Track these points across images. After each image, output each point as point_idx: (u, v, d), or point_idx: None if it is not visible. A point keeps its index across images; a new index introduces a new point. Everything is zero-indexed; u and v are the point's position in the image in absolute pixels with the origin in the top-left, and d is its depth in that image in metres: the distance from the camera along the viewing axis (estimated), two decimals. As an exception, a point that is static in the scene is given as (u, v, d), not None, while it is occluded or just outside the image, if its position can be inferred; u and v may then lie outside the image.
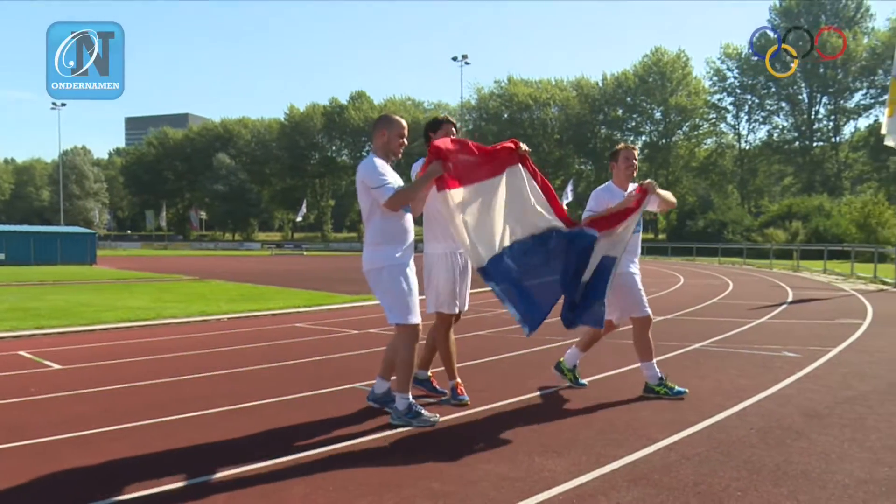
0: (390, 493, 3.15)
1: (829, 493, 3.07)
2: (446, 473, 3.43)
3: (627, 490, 3.15)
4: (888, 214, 36.75)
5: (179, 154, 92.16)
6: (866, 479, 3.25)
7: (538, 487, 3.18)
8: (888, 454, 3.62)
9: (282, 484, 3.30)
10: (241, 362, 6.65)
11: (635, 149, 5.34)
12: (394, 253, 4.28)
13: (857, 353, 6.94)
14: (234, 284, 18.33)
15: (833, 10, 61.97)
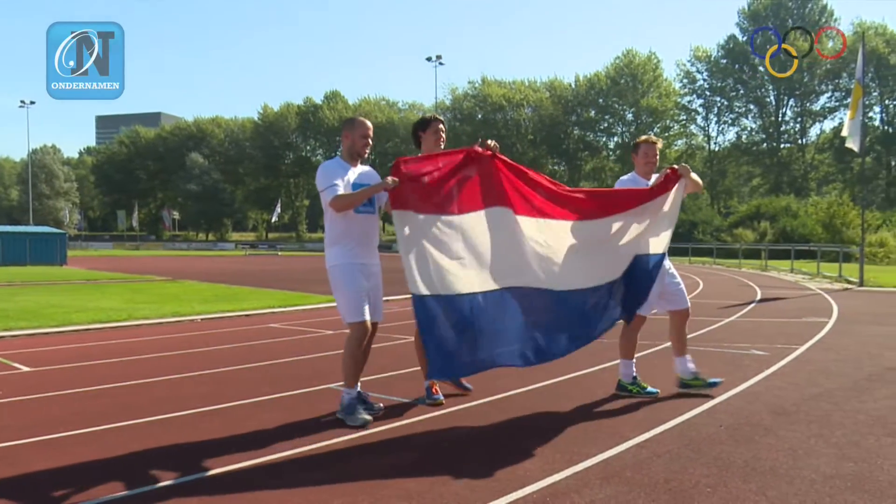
0: (365, 494, 3.15)
1: (797, 489, 3.14)
2: (421, 473, 3.44)
3: (600, 488, 3.19)
4: (852, 215, 37.56)
5: (152, 153, 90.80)
6: (832, 474, 3.34)
7: (512, 486, 3.20)
8: (853, 450, 3.72)
9: (256, 485, 3.28)
10: (214, 363, 6.58)
11: (657, 143, 5.26)
12: (344, 253, 4.43)
13: (822, 350, 7.10)
14: (208, 285, 18.13)
15: (799, 14, 63.25)
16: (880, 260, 31.41)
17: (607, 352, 6.81)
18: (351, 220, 4.43)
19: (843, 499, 3.01)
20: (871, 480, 3.23)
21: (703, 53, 67.63)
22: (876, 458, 3.57)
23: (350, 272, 4.41)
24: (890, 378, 5.65)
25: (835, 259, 21.49)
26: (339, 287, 4.45)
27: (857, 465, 3.46)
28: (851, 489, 3.13)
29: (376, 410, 4.57)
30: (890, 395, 5.03)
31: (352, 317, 4.42)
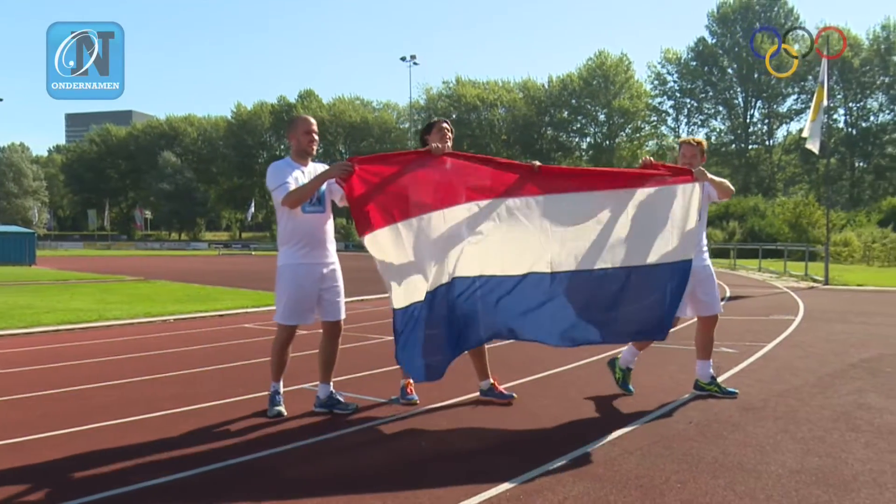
0: (338, 494, 3.14)
1: (764, 484, 3.21)
2: (395, 472, 3.45)
3: (572, 485, 3.22)
4: (818, 215, 38.38)
5: (123, 152, 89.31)
6: (798, 469, 3.41)
7: (485, 484, 3.22)
8: (818, 445, 3.81)
9: (229, 486, 3.26)
10: (186, 364, 6.51)
11: (700, 143, 5.15)
12: (291, 253, 4.48)
13: (789, 348, 7.25)
14: (181, 285, 17.86)
15: (766, 17, 64.47)
16: (844, 259, 32.15)
17: (580, 350, 6.87)
18: (299, 220, 4.43)
19: (809, 492, 3.09)
20: (835, 474, 3.32)
21: (674, 56, 68.59)
22: (840, 452, 3.66)
23: (292, 275, 4.45)
24: (853, 374, 5.79)
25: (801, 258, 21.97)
26: (278, 287, 4.54)
27: (822, 459, 3.55)
28: (816, 483, 3.21)
29: (351, 410, 4.56)
30: (853, 390, 5.16)
31: (279, 318, 4.56)
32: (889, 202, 44.41)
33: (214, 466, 3.52)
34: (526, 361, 6.30)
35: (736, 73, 65.86)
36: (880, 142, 60.36)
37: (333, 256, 4.63)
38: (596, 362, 6.36)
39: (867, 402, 4.79)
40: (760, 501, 2.99)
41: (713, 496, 3.06)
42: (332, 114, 79.96)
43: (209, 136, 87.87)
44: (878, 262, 31.09)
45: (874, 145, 60.60)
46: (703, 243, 5.09)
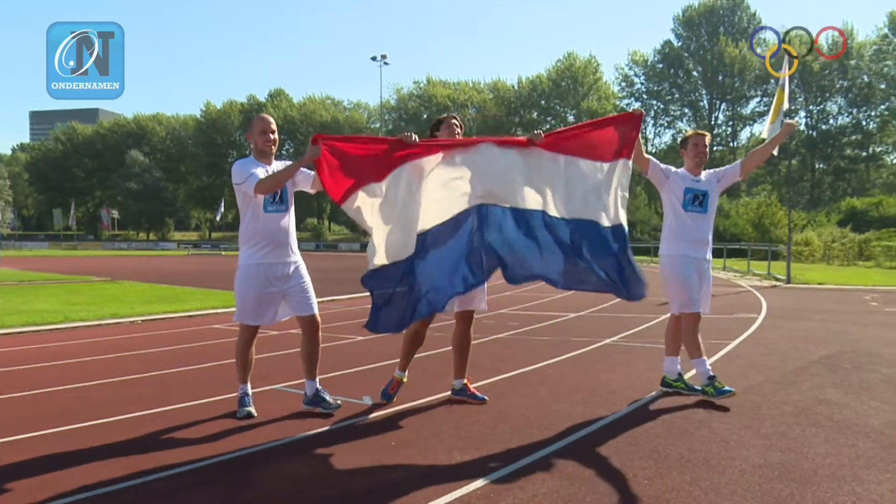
0: (310, 494, 3.13)
1: (728, 479, 3.28)
2: (366, 471, 3.45)
3: (542, 482, 3.25)
4: (780, 215, 39.28)
5: (89, 151, 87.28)
6: (761, 463, 3.50)
7: (457, 482, 3.24)
8: (780, 440, 3.90)
9: (197, 489, 3.22)
10: (154, 366, 6.40)
11: (706, 135, 5.17)
12: (251, 253, 4.47)
13: (752, 345, 7.42)
14: (149, 285, 17.57)
15: (730, 21, 65.75)
16: (805, 258, 32.94)
17: (549, 349, 6.96)
18: (260, 219, 4.43)
19: (771, 487, 3.16)
20: (796, 469, 3.40)
21: (641, 58, 69.51)
22: (801, 447, 3.76)
23: (251, 275, 4.43)
24: (814, 371, 5.94)
25: (764, 257, 22.46)
26: (236, 287, 4.52)
27: (784, 454, 3.64)
28: (778, 477, 3.29)
29: (333, 408, 4.56)
30: (814, 386, 5.29)
31: (238, 317, 4.54)
32: (847, 203, 45.65)
33: (182, 469, 3.47)
34: (495, 360, 6.34)
35: (701, 76, 67.00)
36: (839, 144, 61.98)
37: (296, 255, 4.60)
38: (565, 361, 6.43)
39: (827, 397, 4.92)
40: (725, 496, 3.06)
41: (679, 491, 3.12)
42: (302, 113, 79.39)
43: (178, 135, 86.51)
44: (837, 261, 31.92)
45: (833, 147, 62.19)
46: (710, 242, 5.14)
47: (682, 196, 5.00)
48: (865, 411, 4.51)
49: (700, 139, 5.09)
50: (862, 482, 3.21)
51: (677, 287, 5.02)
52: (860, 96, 59.04)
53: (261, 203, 4.43)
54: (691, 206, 4.99)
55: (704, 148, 5.08)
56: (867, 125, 60.85)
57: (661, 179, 5.04)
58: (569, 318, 9.74)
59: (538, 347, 7.16)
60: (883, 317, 10.05)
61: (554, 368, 6.14)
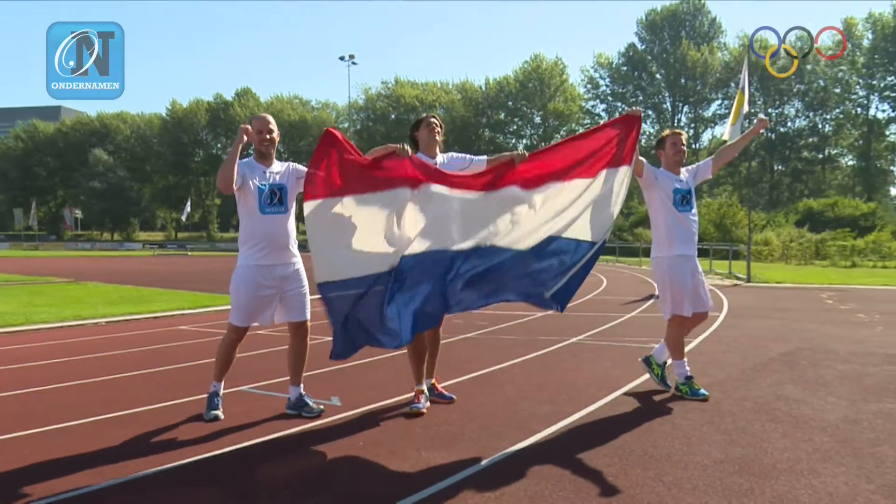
0: (278, 495, 3.11)
1: (690, 474, 3.36)
2: (335, 471, 3.44)
3: (509, 480, 3.29)
4: (740, 216, 40.08)
5: (51, 149, 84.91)
6: (722, 458, 3.58)
7: (425, 481, 3.26)
8: (741, 435, 4.00)
9: (164, 492, 3.18)
10: (119, 368, 6.29)
11: (682, 134, 5.19)
12: (248, 255, 4.44)
13: (714, 342, 7.58)
14: (113, 286, 17.21)
15: (692, 25, 66.97)
16: (765, 257, 33.73)
17: (516, 348, 7.01)
18: (257, 220, 4.40)
19: (732, 481, 3.25)
20: (756, 463, 3.50)
21: (606, 60, 70.33)
22: (761, 442, 3.86)
23: (246, 277, 4.40)
24: (773, 367, 6.10)
25: (725, 257, 22.91)
26: (232, 288, 4.49)
27: (744, 449, 3.73)
28: (739, 472, 3.37)
29: (316, 413, 4.52)
30: (773, 383, 5.43)
31: (231, 317, 4.51)
32: (805, 204, 46.80)
33: (147, 472, 3.42)
34: (462, 360, 6.36)
35: (664, 79, 68.07)
36: (797, 146, 63.57)
37: (297, 257, 4.56)
38: (532, 359, 6.49)
39: (785, 393, 5.06)
40: (687, 491, 3.13)
41: (643, 487, 3.18)
42: (270, 112, 78.27)
43: (143, 134, 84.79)
44: (795, 260, 32.74)
45: (791, 149, 63.76)
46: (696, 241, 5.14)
47: (672, 196, 4.98)
48: (822, 406, 4.65)
49: (678, 138, 5.11)
50: (818, 475, 3.31)
51: (676, 290, 4.99)
52: (816, 100, 60.67)
53: (256, 204, 4.39)
54: (682, 206, 5.00)
55: (683, 146, 5.11)
56: (823, 128, 62.57)
57: (651, 181, 4.99)
58: (535, 318, 9.82)
59: (505, 347, 7.20)
60: (838, 314, 10.35)
61: (521, 367, 6.19)
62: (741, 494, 3.08)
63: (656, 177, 5.00)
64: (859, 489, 3.12)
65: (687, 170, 5.19)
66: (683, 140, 5.14)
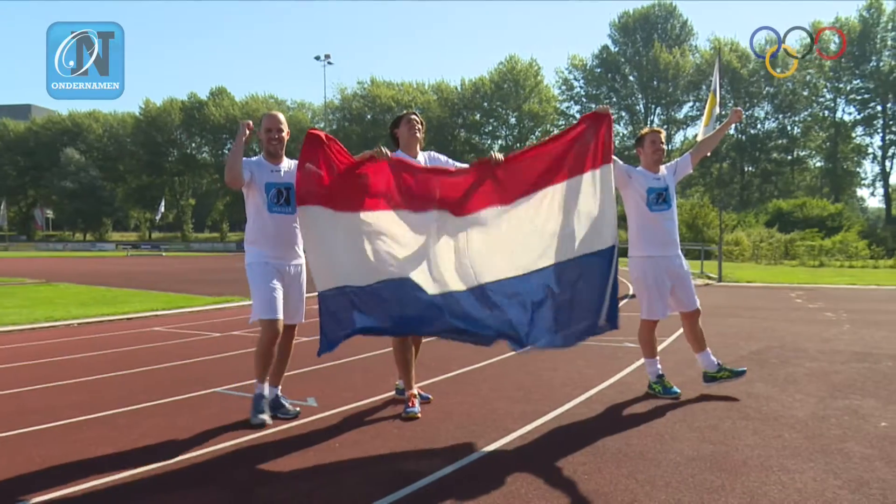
0: (253, 497, 3.09)
1: (663, 471, 3.40)
2: (310, 473, 3.42)
3: (486, 479, 3.30)
4: (712, 216, 40.65)
5: (21, 148, 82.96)
6: (694, 456, 3.63)
7: (402, 482, 3.25)
8: (712, 433, 4.06)
9: (136, 496, 3.14)
10: (92, 370, 6.19)
11: (661, 132, 5.20)
12: (253, 252, 4.40)
13: (686, 341, 7.66)
14: (86, 287, 16.92)
15: (664, 28, 67.80)
16: (736, 257, 34.27)
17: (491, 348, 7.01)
18: (265, 219, 4.37)
19: (704, 478, 3.29)
20: (727, 460, 3.55)
21: (580, 62, 70.86)
22: (731, 439, 3.92)
23: (259, 270, 4.35)
24: (744, 365, 6.19)
25: (697, 256, 23.20)
26: (252, 284, 4.38)
27: (716, 446, 3.79)
28: (710, 469, 3.43)
29: (292, 415, 4.48)
30: (744, 381, 5.50)
31: (258, 313, 4.31)
32: (774, 204, 47.63)
33: (120, 476, 3.38)
34: (439, 360, 6.37)
35: (637, 81, 68.78)
36: (766, 148, 64.66)
37: (300, 257, 4.53)
38: (507, 359, 6.51)
39: (755, 391, 5.14)
40: (660, 488, 3.17)
41: (617, 485, 3.22)
42: (244, 112, 77.69)
43: (116, 133, 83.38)
44: (765, 259, 33.32)
45: (761, 151, 64.84)
46: (677, 237, 5.10)
47: (645, 196, 4.96)
48: (791, 403, 4.74)
49: (657, 136, 5.10)
50: (788, 471, 3.37)
51: (650, 291, 5.00)
52: (785, 102, 61.78)
53: (264, 203, 4.35)
54: (656, 206, 4.97)
55: (662, 144, 5.10)
56: (792, 130, 63.75)
57: (625, 181, 4.97)
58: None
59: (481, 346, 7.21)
60: (807, 313, 10.56)
61: (497, 367, 6.21)
62: (713, 491, 3.13)
63: (630, 176, 5.00)
64: (827, 484, 3.19)
65: (666, 167, 5.19)
66: (663, 138, 5.14)
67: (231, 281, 18.82)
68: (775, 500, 3.02)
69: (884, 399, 4.83)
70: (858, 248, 33.02)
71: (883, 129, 58.52)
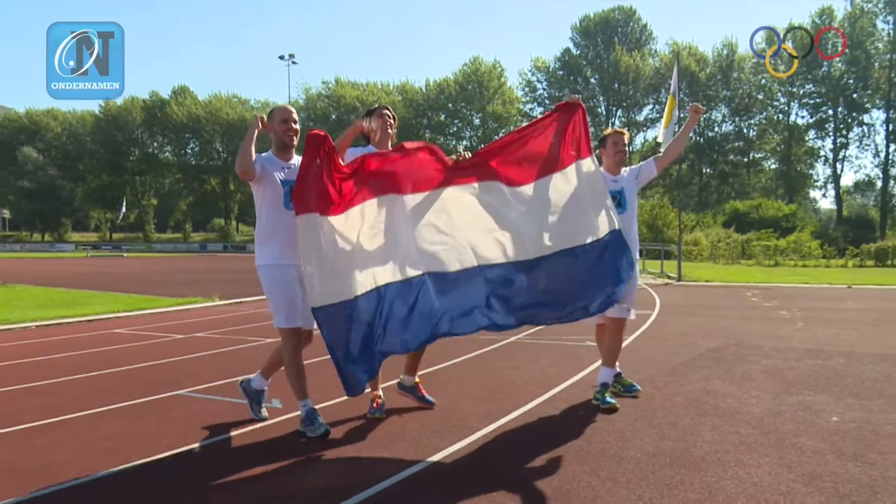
0: (220, 497, 3.06)
1: (624, 468, 3.47)
2: (275, 474, 3.40)
3: (451, 478, 3.33)
4: (671, 216, 41.41)
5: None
6: (654, 452, 3.71)
7: (368, 482, 3.26)
8: (671, 429, 4.15)
9: (99, 500, 3.07)
10: (51, 373, 6.04)
11: (624, 133, 5.09)
12: (267, 253, 4.17)
13: (647, 340, 7.82)
14: (44, 289, 16.47)
15: (624, 31, 68.88)
16: (695, 257, 34.99)
17: (456, 348, 7.06)
18: (280, 217, 4.12)
19: (664, 474, 3.37)
20: (686, 456, 3.64)
21: (542, 64, 71.50)
22: (691, 435, 4.02)
23: (276, 275, 4.12)
24: (701, 363, 6.35)
25: (658, 256, 23.63)
26: (267, 291, 4.20)
27: (675, 443, 3.88)
28: (670, 465, 3.51)
29: (262, 418, 4.44)
30: (702, 378, 5.66)
31: (278, 322, 4.14)
32: (731, 205, 48.78)
33: (82, 479, 3.30)
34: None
35: (598, 83, 69.68)
36: (724, 150, 66.15)
37: None
38: (472, 359, 6.55)
39: (713, 388, 5.27)
40: (622, 484, 3.24)
41: (579, 482, 3.27)
42: (208, 111, 76.54)
43: (75, 132, 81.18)
44: (723, 259, 34.10)
45: (719, 153, 66.31)
46: (636, 241, 4.93)
47: None
48: (747, 400, 4.88)
49: (619, 137, 5.01)
50: (744, 466, 3.47)
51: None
52: (741, 106, 63.32)
53: (280, 199, 4.12)
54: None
55: (624, 146, 5.01)
56: (748, 133, 65.38)
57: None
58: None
59: (446, 346, 7.23)
60: (762, 311, 10.85)
61: (461, 367, 6.25)
62: (672, 486, 3.20)
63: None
64: (781, 478, 3.29)
65: (630, 169, 5.10)
66: (625, 140, 5.06)
67: (194, 282, 18.52)
68: (732, 494, 3.11)
69: (835, 394, 5.00)
70: (811, 248, 34.02)
71: (834, 133, 60.46)
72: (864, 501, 3.00)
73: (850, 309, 11.02)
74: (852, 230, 46.70)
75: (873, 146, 60.04)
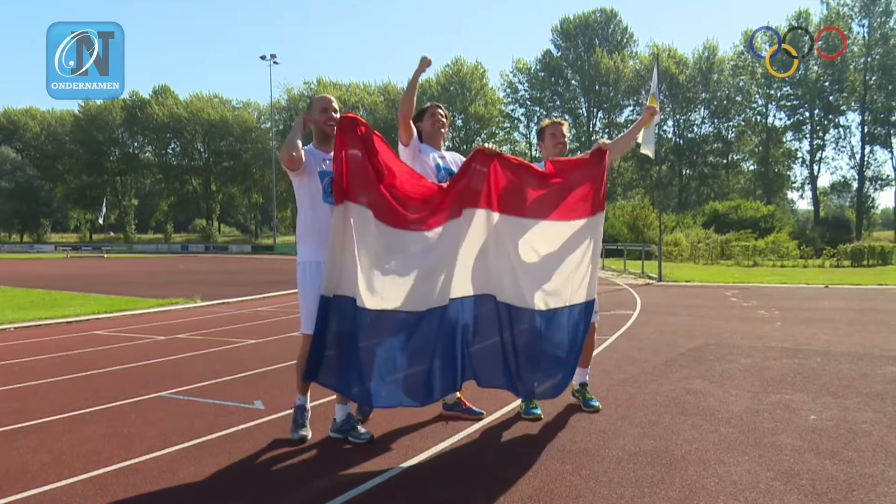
0: (199, 500, 3.04)
1: (606, 467, 3.50)
2: (257, 475, 3.38)
3: (433, 479, 3.33)
4: (652, 217, 41.74)
5: (-47, 146, 78.69)
6: (636, 451, 3.75)
7: (349, 483, 3.25)
8: (652, 428, 4.19)
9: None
10: (29, 376, 5.96)
11: (563, 124, 4.80)
12: (305, 250, 4.01)
13: (628, 340, 7.88)
14: (22, 290, 16.23)
15: (604, 33, 69.37)
16: (675, 257, 35.25)
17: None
18: (318, 210, 3.96)
19: (645, 473, 3.40)
20: (667, 455, 3.68)
21: (524, 66, 71.78)
22: (671, 434, 4.06)
23: (309, 274, 3.95)
24: (682, 362, 6.41)
25: (638, 257, 23.78)
26: (299, 290, 4.06)
27: (656, 442, 3.92)
28: (651, 464, 3.54)
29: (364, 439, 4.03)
30: (682, 377, 5.71)
31: (302, 326, 4.01)
32: (711, 206, 49.24)
33: (60, 483, 3.26)
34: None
35: (579, 85, 70.09)
36: (703, 151, 66.90)
37: None
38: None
39: (693, 387, 5.33)
40: (603, 483, 3.26)
41: (562, 481, 3.29)
42: (189, 111, 75.97)
43: (54, 132, 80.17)
44: (702, 259, 34.39)
45: (698, 154, 67.02)
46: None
47: None
48: (727, 399, 4.93)
49: (558, 128, 4.76)
50: (724, 464, 3.51)
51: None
52: (720, 108, 64.07)
53: (319, 192, 3.96)
54: None
55: (563, 137, 4.75)
56: (727, 135, 66.14)
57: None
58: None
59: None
60: (741, 311, 10.97)
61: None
62: (653, 485, 3.23)
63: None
64: (760, 476, 3.34)
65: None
66: (565, 131, 4.77)
67: (176, 283, 18.32)
68: (712, 492, 3.14)
69: (813, 393, 5.07)
70: (789, 249, 34.43)
71: (811, 135, 61.38)
72: (841, 498, 3.05)
73: (827, 308, 11.18)
74: (829, 231, 47.46)
75: (849, 148, 61.19)
